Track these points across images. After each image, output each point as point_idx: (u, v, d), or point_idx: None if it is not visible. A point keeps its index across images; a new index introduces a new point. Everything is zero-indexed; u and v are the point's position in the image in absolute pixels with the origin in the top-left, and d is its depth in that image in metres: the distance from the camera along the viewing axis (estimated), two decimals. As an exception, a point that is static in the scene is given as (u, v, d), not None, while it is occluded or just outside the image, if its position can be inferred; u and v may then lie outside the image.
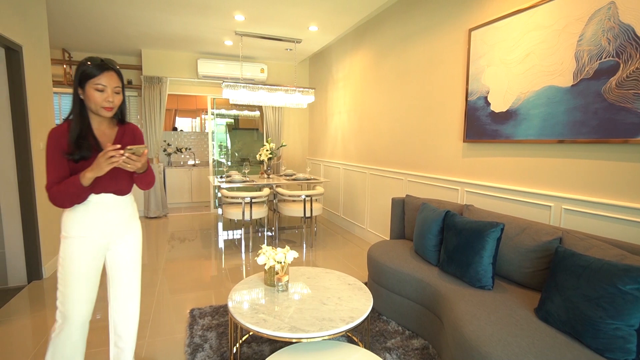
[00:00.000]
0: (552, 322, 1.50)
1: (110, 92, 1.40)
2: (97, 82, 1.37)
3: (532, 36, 2.26)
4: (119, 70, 1.46)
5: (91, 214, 1.47)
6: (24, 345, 2.15)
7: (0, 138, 2.86)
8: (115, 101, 1.43)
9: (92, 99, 1.38)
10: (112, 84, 1.41)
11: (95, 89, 1.38)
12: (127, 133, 1.57)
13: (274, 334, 1.54)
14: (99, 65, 1.38)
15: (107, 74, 1.39)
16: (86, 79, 1.37)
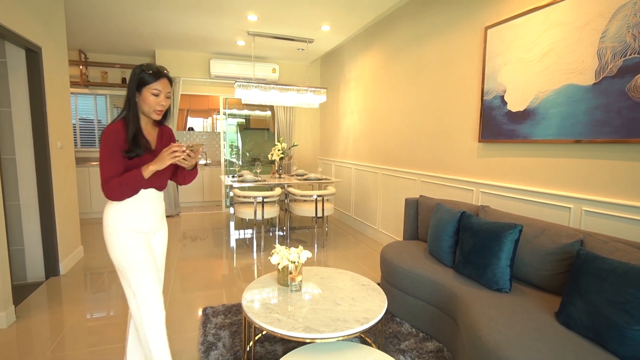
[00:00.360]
0: (573, 327, 1.46)
1: (163, 97, 1.54)
2: (154, 87, 1.50)
3: (552, 33, 2.21)
4: (170, 76, 1.58)
5: (141, 207, 1.57)
6: (43, 339, 2.19)
7: (20, 137, 2.93)
8: (166, 105, 1.58)
9: (147, 103, 1.52)
10: (165, 90, 1.54)
11: (152, 93, 1.51)
12: (165, 133, 1.71)
13: (288, 333, 1.54)
14: (156, 73, 1.51)
15: (162, 81, 1.53)
16: (144, 84, 1.50)
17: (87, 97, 5.98)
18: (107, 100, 6.07)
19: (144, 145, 1.55)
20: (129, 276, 1.53)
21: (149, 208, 1.60)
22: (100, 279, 3.15)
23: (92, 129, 6.09)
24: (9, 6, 2.47)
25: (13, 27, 2.51)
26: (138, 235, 1.56)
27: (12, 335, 2.23)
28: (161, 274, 1.74)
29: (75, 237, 3.64)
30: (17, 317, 2.43)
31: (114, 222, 1.52)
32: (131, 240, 1.53)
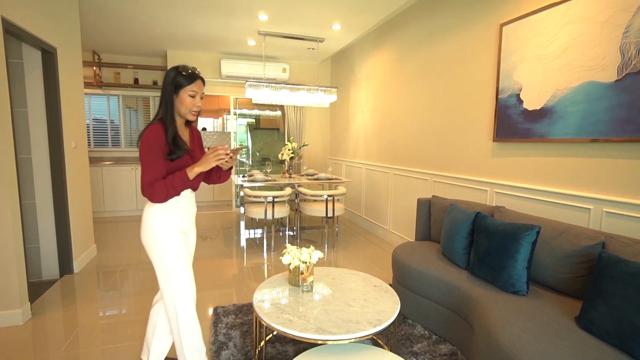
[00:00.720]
0: (596, 333, 1.40)
1: (198, 98, 1.58)
2: (191, 89, 1.55)
3: (571, 29, 2.15)
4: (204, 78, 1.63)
5: (180, 207, 1.61)
6: (57, 336, 2.21)
7: (36, 137, 2.98)
8: (201, 106, 1.63)
9: (184, 104, 1.56)
10: (200, 91, 1.59)
11: (189, 95, 1.55)
12: (194, 133, 1.76)
13: (300, 335, 1.52)
14: (192, 75, 1.55)
15: (197, 82, 1.57)
16: (181, 86, 1.54)
17: (100, 97, 6.07)
18: (119, 101, 6.15)
19: (183, 146, 1.58)
20: (170, 274, 1.56)
21: (187, 208, 1.65)
22: (113, 277, 3.18)
23: (105, 129, 6.17)
24: (25, 8, 2.51)
25: (29, 29, 2.55)
26: (180, 234, 1.60)
27: (28, 332, 2.26)
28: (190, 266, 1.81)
29: (89, 235, 3.69)
30: (32, 314, 2.47)
31: (159, 223, 1.55)
32: (175, 240, 1.57)
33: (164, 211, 1.56)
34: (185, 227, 1.65)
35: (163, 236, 1.55)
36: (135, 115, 6.35)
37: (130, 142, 6.32)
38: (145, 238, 1.57)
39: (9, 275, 2.30)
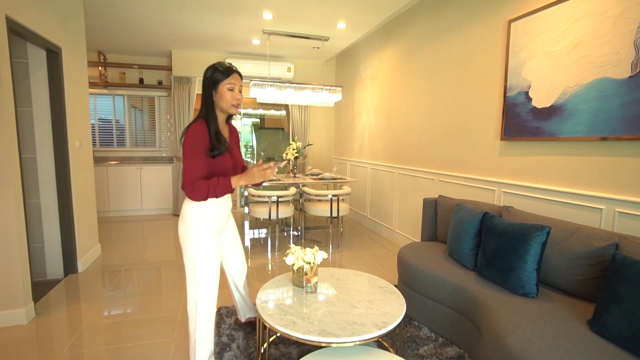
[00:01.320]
0: (610, 337, 1.35)
1: (237, 91, 1.62)
2: (229, 82, 1.59)
3: (582, 25, 2.09)
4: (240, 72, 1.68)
5: (217, 207, 1.67)
6: (61, 336, 2.21)
7: (41, 136, 2.98)
8: (240, 99, 1.66)
9: (225, 98, 1.60)
10: (238, 83, 1.63)
11: (228, 88, 1.59)
12: (233, 130, 1.82)
13: (304, 337, 1.49)
14: (227, 69, 1.60)
15: (234, 75, 1.61)
16: (219, 81, 1.59)
17: (105, 97, 6.09)
18: (125, 101, 6.16)
19: (224, 142, 1.61)
20: (197, 268, 1.62)
21: (224, 207, 1.72)
22: (117, 277, 3.17)
23: (111, 129, 6.19)
24: (30, 8, 2.51)
25: (34, 28, 2.55)
26: (213, 232, 1.66)
27: (32, 331, 2.26)
28: (241, 249, 2.00)
29: (93, 235, 3.69)
30: (36, 314, 2.47)
31: (196, 219, 1.60)
32: (207, 237, 1.63)
33: (203, 209, 1.61)
34: (220, 226, 1.72)
35: (198, 232, 1.60)
36: (140, 115, 6.37)
37: (135, 142, 6.34)
38: (182, 231, 1.62)
39: (13, 274, 2.30)
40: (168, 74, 6.03)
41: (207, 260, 1.63)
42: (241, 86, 1.66)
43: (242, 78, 1.68)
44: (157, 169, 5.79)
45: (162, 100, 6.28)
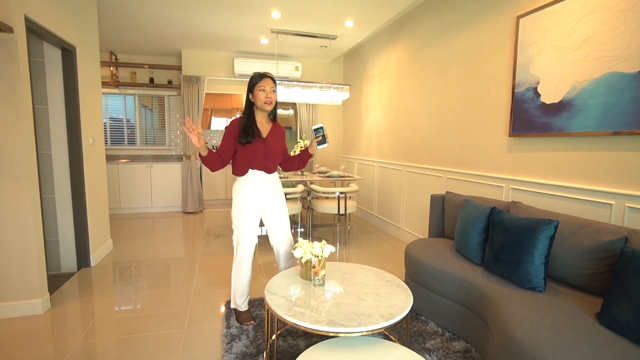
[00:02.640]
0: (618, 330, 1.35)
1: (268, 90, 2.01)
2: (260, 85, 2.01)
3: (592, 19, 2.08)
4: (273, 77, 2.06)
5: (248, 183, 2.12)
6: (75, 326, 2.27)
7: (56, 133, 3.06)
8: (273, 98, 2.03)
9: (258, 98, 2.02)
10: (269, 85, 2.02)
11: (259, 90, 2.01)
12: (277, 129, 2.19)
13: (312, 327, 1.51)
14: (260, 75, 2.03)
15: (265, 79, 2.02)
16: (254, 85, 2.02)
17: (117, 96, 6.20)
18: (135, 100, 6.27)
19: (253, 134, 2.03)
20: (235, 228, 2.18)
21: (257, 184, 2.12)
22: (128, 272, 3.24)
23: (122, 127, 6.30)
24: (47, 8, 2.58)
25: (50, 28, 2.63)
26: (246, 202, 2.12)
27: (48, 321, 2.32)
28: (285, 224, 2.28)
29: (105, 230, 3.77)
30: (52, 305, 2.54)
31: (235, 190, 2.15)
32: (241, 205, 2.12)
33: (240, 184, 2.13)
34: (254, 199, 2.13)
35: (236, 200, 2.14)
36: (150, 114, 6.47)
37: (145, 140, 6.44)
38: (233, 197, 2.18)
39: (30, 266, 2.37)
40: (178, 74, 6.11)
41: (240, 222, 2.13)
42: (273, 87, 2.02)
43: (275, 82, 2.05)
44: (166, 167, 5.88)
45: (171, 99, 6.37)
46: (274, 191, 2.20)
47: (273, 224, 2.27)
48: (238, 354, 1.93)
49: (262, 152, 2.07)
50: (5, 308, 2.34)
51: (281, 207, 2.26)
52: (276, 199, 2.23)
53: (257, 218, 2.18)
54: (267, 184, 2.16)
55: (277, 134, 2.18)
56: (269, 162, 2.13)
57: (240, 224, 2.14)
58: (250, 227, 2.16)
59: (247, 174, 2.11)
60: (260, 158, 2.07)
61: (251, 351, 1.96)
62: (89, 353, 1.99)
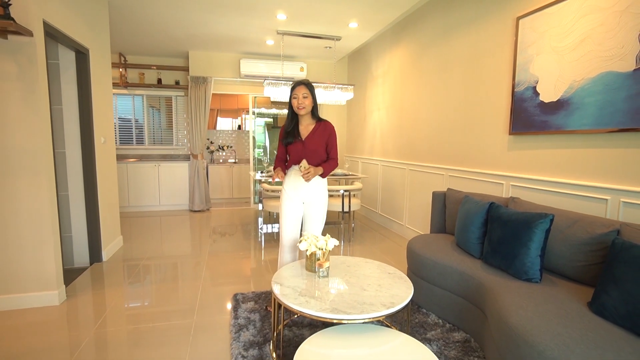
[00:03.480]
0: (608, 316, 1.42)
1: (300, 97, 2.25)
2: (293, 94, 2.28)
3: (588, 20, 2.14)
4: (308, 82, 2.28)
5: (291, 177, 2.36)
6: (89, 316, 2.37)
7: (70, 132, 3.17)
8: (304, 103, 2.25)
9: (293, 105, 2.28)
10: (300, 92, 2.25)
11: (292, 97, 2.28)
12: (319, 129, 2.35)
13: (317, 314, 1.59)
14: (294, 84, 2.28)
15: (297, 88, 2.26)
16: (290, 93, 2.29)
17: (125, 97, 6.34)
18: (143, 100, 6.40)
19: (293, 136, 2.32)
20: (280, 221, 2.43)
21: (298, 179, 2.32)
22: (139, 267, 3.35)
23: (130, 127, 6.44)
24: (63, 12, 2.70)
25: (66, 31, 2.74)
26: (287, 193, 2.37)
27: (64, 312, 2.43)
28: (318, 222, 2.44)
29: (116, 227, 3.88)
30: (66, 297, 2.64)
31: (283, 183, 2.40)
32: (284, 195, 2.39)
33: (286, 177, 2.38)
34: (294, 192, 2.35)
35: (282, 192, 2.41)
36: (157, 114, 6.60)
37: (153, 139, 6.57)
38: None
39: (47, 259, 2.48)
40: (185, 74, 6.23)
41: (281, 211, 2.40)
42: (304, 93, 2.24)
43: (308, 86, 2.26)
44: (174, 166, 6.00)
45: (179, 99, 6.50)
46: (314, 185, 2.36)
47: (307, 217, 2.43)
48: (246, 342, 2.02)
49: (301, 151, 2.30)
50: (24, 299, 2.45)
51: (319, 203, 2.40)
52: (317, 194, 2.38)
53: (297, 209, 2.38)
54: (299, 180, 2.35)
55: (319, 134, 2.35)
56: (310, 161, 2.31)
57: (281, 213, 2.40)
58: (289, 216, 2.38)
59: (291, 168, 2.37)
60: (299, 156, 2.30)
61: (258, 340, 2.04)
62: (103, 342, 2.09)
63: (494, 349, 1.64)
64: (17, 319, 2.31)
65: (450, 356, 1.90)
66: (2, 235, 2.39)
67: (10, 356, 1.93)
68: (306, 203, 2.40)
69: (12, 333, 2.15)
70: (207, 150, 6.98)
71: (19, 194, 2.38)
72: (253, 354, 1.90)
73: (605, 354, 1.22)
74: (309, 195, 2.37)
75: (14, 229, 2.40)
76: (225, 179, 6.81)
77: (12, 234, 2.40)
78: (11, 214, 2.39)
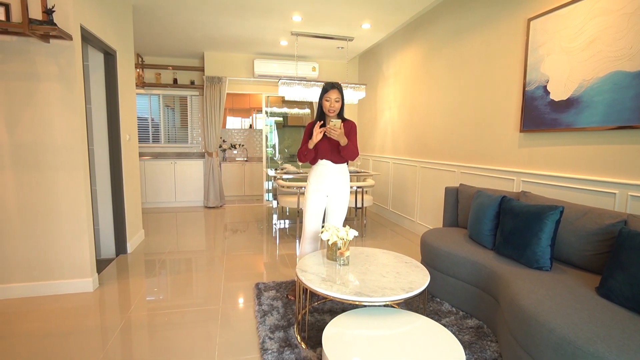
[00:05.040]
0: (614, 299, 1.53)
1: (332, 100, 2.40)
2: (327, 96, 2.41)
3: (598, 22, 2.24)
4: (340, 86, 2.43)
5: (316, 171, 2.53)
6: (122, 302, 2.53)
7: (98, 130, 3.34)
8: (335, 106, 2.41)
9: (324, 106, 2.43)
10: (333, 96, 2.40)
11: (325, 100, 2.41)
12: (346, 127, 2.46)
13: (341, 296, 1.72)
14: (328, 86, 2.41)
15: (331, 91, 2.40)
16: (323, 94, 2.42)
17: (143, 97, 6.53)
18: (160, 100, 6.59)
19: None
20: (303, 206, 2.68)
21: (322, 173, 2.50)
22: (162, 258, 3.51)
23: (147, 126, 6.63)
24: (96, 16, 2.86)
25: (98, 34, 2.90)
26: (312, 185, 2.52)
27: (97, 298, 2.59)
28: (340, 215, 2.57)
29: (138, 220, 4.05)
30: (99, 284, 2.81)
31: (308, 176, 2.58)
32: (309, 187, 2.55)
33: (312, 170, 2.56)
34: (319, 186, 2.51)
35: (307, 186, 2.57)
36: (172, 114, 6.78)
37: (168, 138, 6.75)
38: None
39: (83, 248, 2.65)
40: (200, 74, 6.40)
41: (306, 205, 2.56)
42: (337, 97, 2.38)
43: (340, 90, 2.41)
44: (189, 163, 6.18)
45: (194, 99, 6.67)
46: (338, 179, 2.52)
47: (329, 209, 2.58)
48: (271, 325, 2.16)
49: (328, 147, 2.47)
50: (63, 285, 2.62)
51: (342, 196, 2.55)
52: (340, 188, 2.54)
53: (321, 202, 2.53)
54: (334, 172, 2.51)
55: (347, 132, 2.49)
56: (335, 156, 2.48)
57: (305, 205, 2.55)
58: (313, 208, 2.52)
59: (317, 163, 2.53)
60: (326, 151, 2.47)
61: (282, 324, 2.18)
62: (139, 324, 2.24)
63: (506, 332, 1.76)
64: (58, 303, 2.48)
65: (464, 340, 2.02)
66: (44, 225, 2.56)
67: (57, 335, 2.09)
68: (330, 196, 2.54)
69: (56, 315, 2.32)
70: (219, 149, 7.15)
71: (58, 187, 2.55)
72: (279, 336, 2.04)
73: (611, 332, 1.33)
74: (333, 189, 2.52)
75: (55, 220, 2.57)
76: (237, 177, 6.97)
77: (53, 224, 2.57)
78: (52, 206, 2.56)
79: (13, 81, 2.39)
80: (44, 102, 2.46)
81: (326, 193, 2.53)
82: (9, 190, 2.47)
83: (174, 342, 2.05)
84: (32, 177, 2.50)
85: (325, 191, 2.52)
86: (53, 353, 1.92)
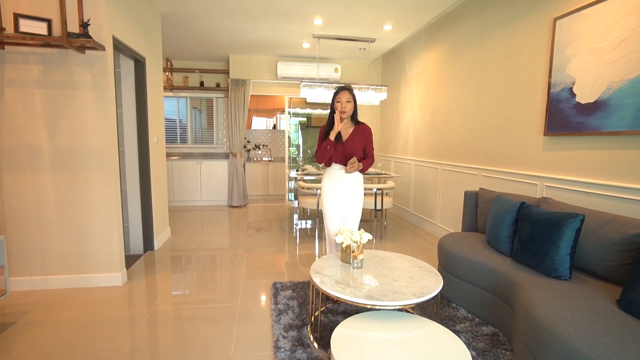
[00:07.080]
0: (635, 313, 1.47)
1: (343, 102, 2.45)
2: (337, 98, 2.47)
3: (629, 20, 2.14)
4: (350, 88, 2.49)
5: (330, 175, 2.59)
6: (148, 297, 2.68)
7: (128, 133, 3.54)
8: (346, 107, 2.45)
9: (336, 107, 2.47)
10: (344, 97, 2.45)
11: (336, 101, 2.47)
12: (359, 131, 2.56)
13: (352, 299, 1.76)
14: (339, 89, 2.48)
15: (342, 92, 2.46)
16: (334, 96, 2.48)
17: (171, 99, 6.80)
18: (187, 102, 6.84)
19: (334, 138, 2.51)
20: (322, 208, 2.69)
21: (337, 176, 2.56)
22: (186, 256, 3.67)
23: (175, 127, 6.90)
24: (126, 27, 3.03)
25: (128, 43, 3.08)
26: (328, 192, 2.59)
27: (126, 292, 2.76)
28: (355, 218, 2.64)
29: (165, 219, 4.25)
30: (127, 279, 2.99)
31: (323, 178, 2.65)
32: (325, 193, 2.62)
33: (326, 172, 2.63)
34: (333, 188, 2.57)
35: (322, 188, 2.64)
36: (199, 115, 7.02)
37: (195, 139, 7.00)
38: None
39: (113, 244, 2.82)
40: (225, 77, 6.59)
41: (324, 207, 2.63)
42: (347, 98, 2.44)
43: (351, 92, 2.46)
44: (214, 164, 6.38)
45: (219, 101, 6.88)
46: (352, 183, 2.57)
47: (344, 212, 2.65)
48: (286, 324, 2.22)
49: (342, 151, 2.51)
50: (95, 278, 2.81)
51: (356, 199, 2.60)
52: (354, 191, 2.59)
53: (338, 204, 2.60)
54: (347, 176, 2.57)
55: (358, 136, 2.55)
56: (348, 159, 2.51)
57: (324, 206, 2.64)
58: (332, 211, 2.61)
59: (331, 166, 2.58)
60: (339, 157, 2.51)
61: (297, 323, 2.24)
62: (163, 317, 2.38)
63: (520, 341, 1.73)
64: (90, 295, 2.67)
65: (478, 347, 2.00)
66: (79, 222, 2.75)
67: (89, 324, 2.25)
68: (345, 199, 2.60)
69: (89, 306, 2.49)
70: (244, 149, 7.33)
71: (91, 187, 2.74)
72: (292, 335, 2.10)
73: (628, 346, 1.29)
74: (347, 192, 2.57)
75: (88, 218, 2.76)
76: (260, 177, 7.13)
77: (87, 222, 2.76)
78: (86, 205, 2.75)
79: (53, 89, 2.59)
80: (80, 109, 2.64)
81: (341, 196, 2.59)
82: (48, 190, 2.68)
83: (194, 335, 2.16)
84: (69, 178, 2.70)
85: (340, 194, 2.58)
86: (86, 341, 2.08)
